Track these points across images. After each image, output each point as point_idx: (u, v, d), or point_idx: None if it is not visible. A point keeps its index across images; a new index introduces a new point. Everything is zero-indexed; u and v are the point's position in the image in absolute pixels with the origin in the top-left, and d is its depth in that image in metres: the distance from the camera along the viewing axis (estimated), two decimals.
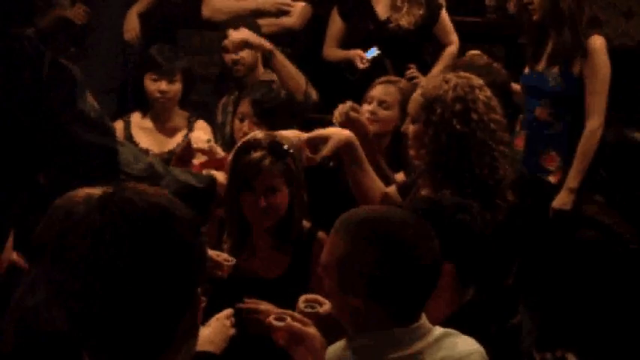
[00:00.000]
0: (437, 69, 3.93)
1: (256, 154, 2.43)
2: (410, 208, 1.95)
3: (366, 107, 3.09)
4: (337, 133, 2.56)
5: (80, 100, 2.07)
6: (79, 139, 2.08)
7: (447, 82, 2.25)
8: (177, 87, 3.56)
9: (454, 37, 4.11)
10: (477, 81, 2.29)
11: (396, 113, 3.09)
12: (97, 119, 2.12)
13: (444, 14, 4.07)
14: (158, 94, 3.53)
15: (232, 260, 2.41)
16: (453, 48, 4.08)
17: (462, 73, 2.34)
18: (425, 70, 3.97)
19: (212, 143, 3.07)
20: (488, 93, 2.26)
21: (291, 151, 2.47)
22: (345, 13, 3.97)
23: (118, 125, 3.64)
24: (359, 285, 1.64)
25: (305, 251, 2.49)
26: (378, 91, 3.17)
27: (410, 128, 2.37)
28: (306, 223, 2.54)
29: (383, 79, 3.26)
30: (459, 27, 4.64)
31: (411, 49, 3.97)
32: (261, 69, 3.59)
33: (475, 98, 2.20)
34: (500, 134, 2.21)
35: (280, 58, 3.23)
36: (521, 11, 3.57)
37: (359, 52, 3.84)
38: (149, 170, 2.22)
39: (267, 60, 3.19)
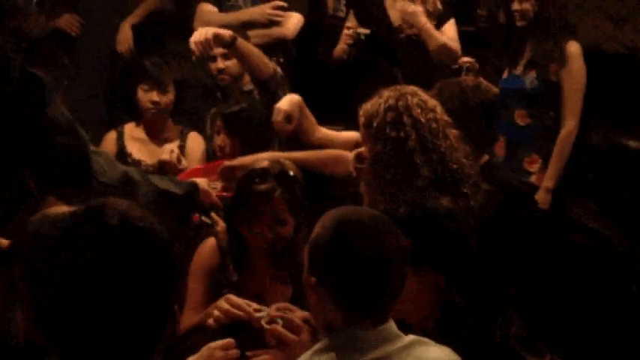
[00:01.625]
0: None
1: (265, 185, 2.40)
2: (392, 212, 1.96)
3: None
4: (259, 159, 2.59)
5: (50, 107, 2.05)
6: (50, 147, 2.06)
7: (380, 96, 2.32)
8: (169, 98, 3.58)
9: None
10: (410, 88, 2.36)
11: None
12: (68, 127, 2.10)
13: (450, 25, 4.06)
14: (150, 105, 3.55)
15: (264, 311, 2.23)
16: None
17: (396, 87, 2.39)
18: (431, 77, 3.99)
19: (175, 153, 3.08)
20: (423, 96, 2.32)
21: (298, 177, 2.44)
22: (362, 17, 3.99)
23: (111, 135, 3.66)
24: (322, 272, 1.68)
25: None
26: None
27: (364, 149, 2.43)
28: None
29: None
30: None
31: (420, 56, 3.98)
32: (246, 78, 3.62)
33: (407, 104, 2.27)
34: (443, 131, 2.27)
35: (243, 44, 3.18)
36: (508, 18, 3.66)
37: (350, 25, 3.89)
38: (124, 179, 2.20)
39: (230, 48, 3.15)
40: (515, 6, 3.54)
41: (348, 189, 2.82)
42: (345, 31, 3.91)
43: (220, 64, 3.60)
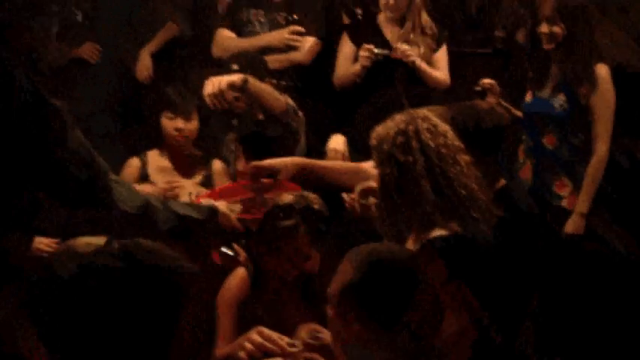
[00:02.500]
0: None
1: (289, 222, 2.42)
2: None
3: None
4: (285, 163, 2.60)
5: (68, 137, 2.06)
6: (69, 177, 2.06)
7: (392, 120, 2.32)
8: (193, 125, 3.58)
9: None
10: (421, 112, 2.34)
11: None
12: (88, 158, 2.10)
13: (442, 52, 4.08)
14: (175, 132, 3.55)
15: (297, 345, 2.20)
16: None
17: (409, 110, 2.39)
18: (430, 96, 4.00)
19: (193, 196, 3.10)
20: (434, 121, 2.30)
21: (323, 211, 2.45)
22: (355, 38, 4.00)
23: (134, 162, 3.65)
24: (359, 314, 1.69)
25: None
26: None
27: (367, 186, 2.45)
28: None
29: None
30: (469, 58, 4.67)
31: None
32: None
33: (416, 129, 2.25)
34: (454, 156, 2.25)
35: (254, 85, 3.21)
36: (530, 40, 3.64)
37: (369, 46, 3.87)
38: (145, 206, 2.19)
39: (242, 92, 3.19)
40: (544, 29, 3.50)
41: None
42: (362, 53, 3.90)
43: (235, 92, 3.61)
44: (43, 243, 3.07)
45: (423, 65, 3.95)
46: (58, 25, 4.18)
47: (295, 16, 4.05)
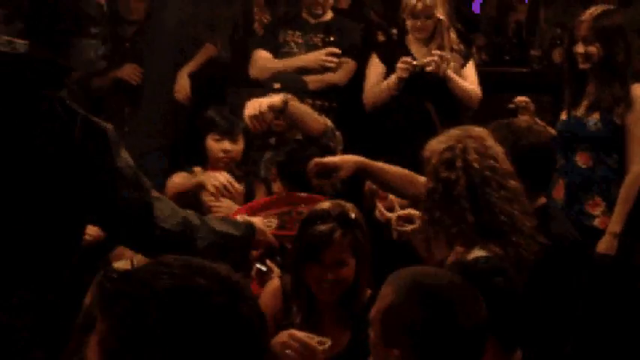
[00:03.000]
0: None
1: (325, 226, 2.40)
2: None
3: None
4: (346, 161, 2.64)
5: (115, 157, 2.09)
6: (115, 197, 2.09)
7: (446, 134, 2.32)
8: (239, 146, 3.59)
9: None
10: (476, 131, 2.32)
11: None
12: (132, 176, 2.13)
13: (470, 67, 4.08)
14: (222, 154, 3.54)
15: (327, 342, 2.22)
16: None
17: (466, 127, 2.38)
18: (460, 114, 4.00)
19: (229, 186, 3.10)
20: (487, 142, 2.29)
21: (359, 220, 2.45)
22: (385, 58, 4.03)
23: (185, 178, 3.63)
24: (400, 339, 1.68)
25: (366, 324, 2.47)
26: None
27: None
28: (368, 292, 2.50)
29: None
30: (504, 78, 4.67)
31: (449, 94, 3.99)
32: None
33: (464, 147, 2.24)
34: (499, 180, 2.23)
35: (294, 107, 3.21)
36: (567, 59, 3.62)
37: (406, 58, 3.89)
38: (184, 224, 2.21)
39: (282, 113, 3.21)
40: (579, 49, 3.48)
41: None
42: (400, 64, 3.90)
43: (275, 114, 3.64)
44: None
45: (454, 75, 3.95)
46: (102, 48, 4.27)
47: (332, 38, 4.10)
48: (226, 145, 3.56)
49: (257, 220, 2.53)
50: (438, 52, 3.88)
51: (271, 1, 4.82)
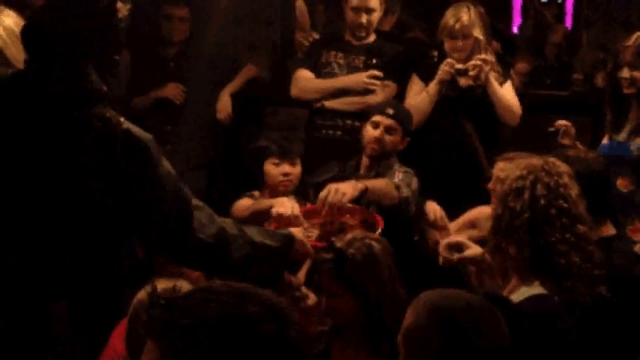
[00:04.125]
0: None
1: (321, 257, 2.46)
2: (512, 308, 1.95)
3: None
4: (476, 248, 2.60)
5: (156, 168, 2.11)
6: (156, 207, 2.11)
7: (522, 160, 2.30)
8: (298, 169, 3.57)
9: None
10: (554, 165, 2.27)
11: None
12: (173, 186, 2.14)
13: (508, 85, 4.04)
14: (282, 177, 3.52)
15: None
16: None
17: (546, 157, 2.34)
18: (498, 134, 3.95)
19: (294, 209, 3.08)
20: (563, 180, 2.24)
21: (355, 259, 2.44)
22: (425, 79, 4.01)
23: (246, 202, 3.58)
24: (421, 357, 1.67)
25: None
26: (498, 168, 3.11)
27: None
28: None
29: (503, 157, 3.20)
30: (546, 100, 4.65)
31: (488, 112, 3.96)
32: None
33: (535, 179, 2.20)
34: (565, 221, 2.18)
35: (372, 190, 3.17)
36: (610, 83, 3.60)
37: (449, 60, 3.87)
38: (219, 235, 2.21)
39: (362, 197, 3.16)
40: (624, 73, 3.47)
41: None
42: (443, 67, 3.88)
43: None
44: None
45: (495, 82, 3.91)
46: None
47: (374, 60, 4.10)
48: (286, 168, 3.54)
49: (297, 231, 2.53)
50: (481, 56, 3.87)
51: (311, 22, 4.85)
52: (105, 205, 2.06)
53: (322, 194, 3.00)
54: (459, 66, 3.85)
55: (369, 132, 3.53)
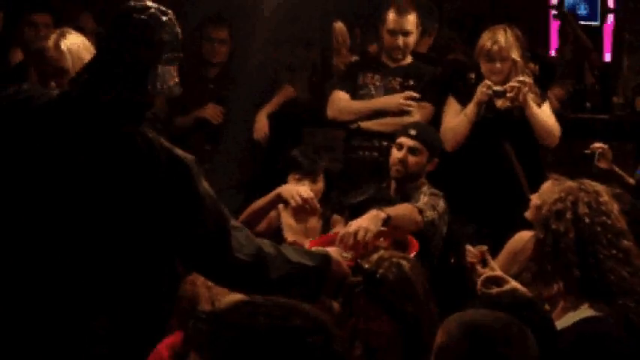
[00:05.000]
0: None
1: (353, 279, 2.43)
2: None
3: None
4: (514, 283, 2.61)
5: (197, 188, 2.14)
6: (196, 227, 2.14)
7: (559, 184, 2.31)
8: (319, 186, 3.62)
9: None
10: (591, 186, 2.26)
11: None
12: (213, 205, 2.17)
13: (546, 106, 4.02)
14: (313, 202, 3.51)
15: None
16: None
17: (583, 180, 2.32)
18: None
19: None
20: (603, 198, 2.22)
21: (389, 280, 2.41)
22: (462, 101, 4.01)
23: (273, 214, 3.62)
24: None
25: None
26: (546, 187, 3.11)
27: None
28: None
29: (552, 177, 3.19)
30: (586, 124, 4.60)
31: (527, 134, 3.95)
32: None
33: (576, 200, 2.19)
34: (611, 238, 2.17)
35: (395, 219, 3.09)
36: None
37: (487, 82, 3.86)
38: (258, 254, 2.22)
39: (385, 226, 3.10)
40: None
41: None
42: (480, 89, 3.89)
43: None
44: None
45: (534, 106, 3.89)
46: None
47: (410, 82, 4.12)
48: (306, 185, 3.58)
49: (333, 251, 2.51)
50: (519, 78, 3.86)
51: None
52: (146, 223, 2.10)
53: (345, 231, 2.91)
54: (497, 87, 3.85)
55: (394, 154, 3.53)
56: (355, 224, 2.92)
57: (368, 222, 2.94)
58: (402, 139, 3.53)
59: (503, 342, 1.66)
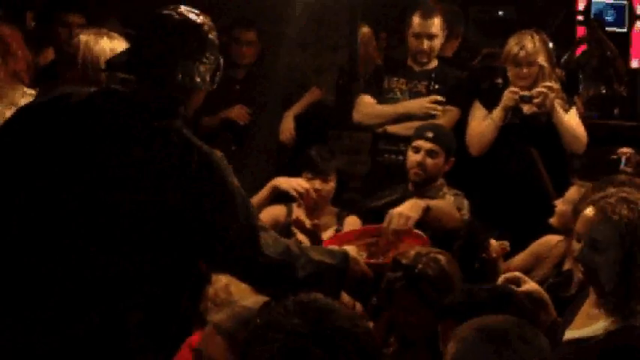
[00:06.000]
0: None
1: (391, 275, 2.47)
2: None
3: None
4: (533, 284, 2.58)
5: (228, 185, 2.16)
6: (228, 223, 2.16)
7: (604, 193, 2.24)
8: (330, 186, 3.66)
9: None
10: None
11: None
12: (242, 202, 2.19)
13: (573, 112, 4.01)
14: (312, 192, 3.61)
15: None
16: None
17: (626, 189, 2.30)
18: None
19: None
20: None
21: (427, 274, 2.45)
22: (488, 105, 4.01)
23: (281, 210, 3.72)
24: None
25: None
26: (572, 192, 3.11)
27: (574, 245, 2.35)
28: None
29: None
30: (614, 131, 4.58)
31: (553, 140, 3.94)
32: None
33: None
34: None
35: (435, 207, 3.12)
36: None
37: (513, 88, 3.86)
38: (286, 253, 2.24)
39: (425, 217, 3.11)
40: None
41: None
42: (507, 94, 3.88)
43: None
44: None
45: (561, 111, 3.88)
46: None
47: (436, 86, 4.13)
48: (316, 184, 3.63)
49: (350, 249, 2.55)
50: (546, 83, 3.85)
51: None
52: (180, 218, 2.12)
53: (385, 223, 2.94)
54: (524, 93, 3.85)
55: (411, 157, 3.54)
56: (396, 211, 2.94)
57: (408, 209, 2.97)
58: (419, 143, 3.54)
59: (521, 341, 1.67)
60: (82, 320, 2.10)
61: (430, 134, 3.55)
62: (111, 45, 2.69)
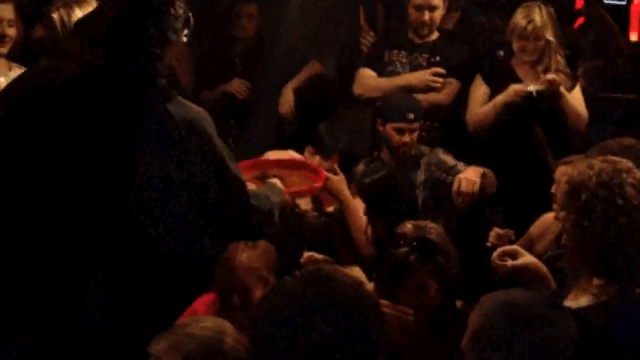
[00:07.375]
0: None
1: (402, 250, 2.46)
2: None
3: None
4: (530, 257, 2.59)
5: (217, 143, 2.22)
6: (227, 177, 2.23)
7: (591, 167, 2.16)
8: (330, 164, 3.64)
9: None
10: (625, 164, 2.19)
11: None
12: (231, 155, 2.28)
13: (577, 90, 4.02)
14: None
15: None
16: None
17: (608, 157, 2.25)
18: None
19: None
20: (638, 175, 2.16)
21: (440, 244, 2.47)
22: (489, 80, 4.01)
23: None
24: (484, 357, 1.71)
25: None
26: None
27: (560, 215, 2.30)
28: (459, 304, 2.54)
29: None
30: (616, 104, 4.55)
31: (556, 118, 3.93)
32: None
33: (621, 182, 2.12)
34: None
35: (487, 173, 3.44)
36: None
37: (520, 87, 3.86)
38: (259, 199, 2.38)
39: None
40: None
41: None
42: (515, 87, 3.88)
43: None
44: None
45: (568, 96, 3.89)
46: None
47: (437, 58, 4.11)
48: (316, 160, 3.61)
49: (275, 182, 2.67)
50: (551, 75, 3.83)
51: (372, 21, 4.86)
52: (179, 183, 2.16)
53: (455, 186, 3.30)
54: (533, 87, 3.82)
55: (395, 138, 3.65)
56: (464, 177, 3.33)
57: (473, 175, 3.35)
58: (402, 125, 3.63)
59: (546, 321, 1.69)
60: (87, 285, 2.14)
61: (412, 116, 3.65)
62: (83, 12, 2.69)
